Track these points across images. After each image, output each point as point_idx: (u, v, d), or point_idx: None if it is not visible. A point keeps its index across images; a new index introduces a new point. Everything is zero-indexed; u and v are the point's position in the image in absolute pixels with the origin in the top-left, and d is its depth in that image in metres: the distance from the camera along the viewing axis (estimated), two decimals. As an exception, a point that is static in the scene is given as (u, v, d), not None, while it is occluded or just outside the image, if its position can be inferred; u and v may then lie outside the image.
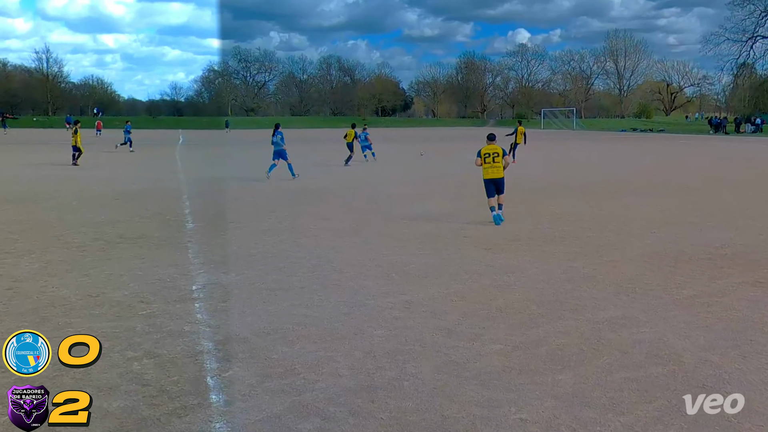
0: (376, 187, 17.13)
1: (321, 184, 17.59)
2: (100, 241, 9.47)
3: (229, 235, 9.98)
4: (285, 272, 7.62)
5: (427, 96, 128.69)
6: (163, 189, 16.35)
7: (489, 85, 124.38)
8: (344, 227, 10.74)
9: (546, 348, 5.22)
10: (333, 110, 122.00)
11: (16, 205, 13.11)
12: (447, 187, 16.84)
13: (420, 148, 35.73)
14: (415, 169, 23.39)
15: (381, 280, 7.31)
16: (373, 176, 20.26)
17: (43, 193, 15.23)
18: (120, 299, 6.50)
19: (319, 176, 20.20)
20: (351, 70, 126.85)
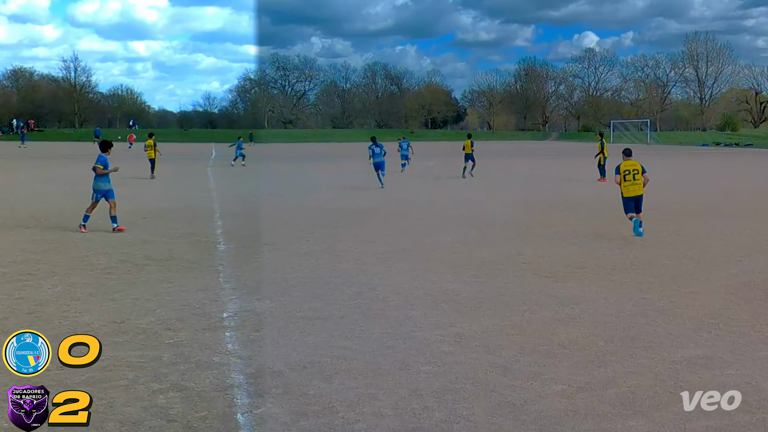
0: (425, 207, 17.13)
1: (364, 204, 17.70)
2: (126, 263, 9.73)
3: (263, 258, 10.12)
4: (323, 300, 7.67)
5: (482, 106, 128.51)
6: (194, 207, 16.72)
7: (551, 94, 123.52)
8: (389, 251, 10.75)
9: (615, 390, 5.10)
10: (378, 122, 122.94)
11: (39, 224, 13.60)
12: (504, 208, 16.72)
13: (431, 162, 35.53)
14: (468, 187, 23.32)
15: (429, 310, 7.29)
16: (421, 195, 20.29)
17: (67, 211, 15.75)
18: (146, 326, 6.65)
19: (362, 194, 20.34)
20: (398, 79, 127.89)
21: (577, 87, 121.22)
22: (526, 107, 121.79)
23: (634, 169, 12.15)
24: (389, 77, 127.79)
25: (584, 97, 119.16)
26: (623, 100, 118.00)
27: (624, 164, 12.27)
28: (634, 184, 12.11)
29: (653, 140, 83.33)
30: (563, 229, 13.20)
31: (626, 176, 12.16)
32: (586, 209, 15.61)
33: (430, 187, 23.07)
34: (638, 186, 12.12)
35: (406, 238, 12.13)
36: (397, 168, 29.87)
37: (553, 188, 22.28)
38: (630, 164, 12.23)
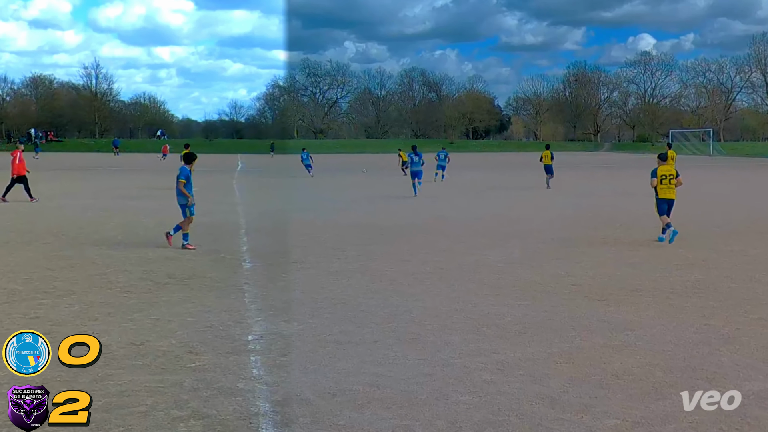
0: (465, 223, 17.08)
1: (400, 219, 17.72)
2: (146, 281, 9.88)
3: (291, 278, 10.18)
4: (355, 323, 7.68)
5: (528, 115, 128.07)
6: (218, 222, 16.92)
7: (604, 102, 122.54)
8: (426, 271, 10.74)
9: (674, 426, 5.00)
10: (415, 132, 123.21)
11: (57, 239, 13.90)
12: (551, 224, 16.58)
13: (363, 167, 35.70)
14: (513, 202, 23.20)
15: (470, 335, 7.24)
16: (461, 210, 20.24)
17: (86, 226, 16.08)
18: (166, 349, 6.73)
19: (398, 209, 20.38)
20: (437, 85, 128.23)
21: (631, 94, 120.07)
22: (576, 116, 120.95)
23: (670, 174, 13.83)
24: (427, 84, 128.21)
25: (640, 105, 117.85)
26: (683, 107, 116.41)
27: (661, 169, 13.94)
28: (669, 188, 13.80)
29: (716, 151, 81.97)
30: (617, 247, 13.03)
31: (663, 180, 13.81)
32: (642, 226, 15.40)
33: (471, 202, 23.02)
34: (672, 190, 13.82)
35: (445, 256, 12.09)
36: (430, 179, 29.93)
37: (607, 203, 22.04)
38: (666, 169, 13.94)
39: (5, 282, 9.70)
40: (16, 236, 14.19)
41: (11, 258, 11.64)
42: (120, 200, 22.70)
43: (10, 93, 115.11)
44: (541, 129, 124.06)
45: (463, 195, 25.99)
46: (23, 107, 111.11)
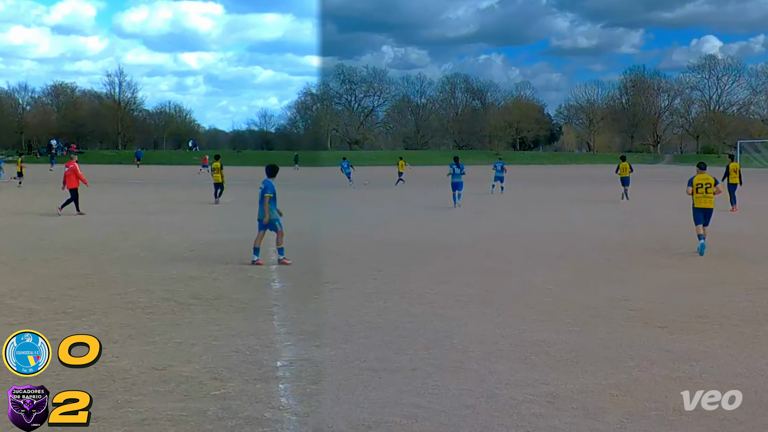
0: (513, 241, 16.97)
1: (441, 237, 17.68)
2: (169, 301, 9.98)
3: (323, 299, 10.20)
4: (392, 348, 7.65)
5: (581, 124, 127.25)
6: (246, 239, 17.02)
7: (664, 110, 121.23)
8: (469, 293, 10.68)
9: (746, 468, 4.86)
10: (457, 142, 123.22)
11: (76, 256, 14.14)
12: (607, 243, 16.39)
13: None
14: (563, 218, 23.00)
15: (517, 363, 7.17)
16: (508, 226, 20.12)
17: (108, 242, 16.34)
18: (190, 374, 6.77)
19: (439, 226, 20.33)
20: (481, 92, 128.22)
21: (695, 101, 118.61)
22: (634, 125, 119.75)
23: (707, 183, 14.45)
24: (471, 91, 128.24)
25: (704, 113, 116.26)
26: (752, 116, 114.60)
27: (698, 177, 14.62)
28: (706, 197, 14.42)
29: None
30: (680, 269, 12.82)
31: (698, 189, 14.51)
32: (708, 246, 15.12)
33: (518, 217, 22.87)
34: (709, 199, 14.44)
35: (490, 277, 12.02)
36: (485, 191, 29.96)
37: (669, 220, 21.71)
38: (703, 178, 14.55)
39: (23, 301, 9.89)
40: (34, 253, 14.47)
41: (29, 276, 11.87)
42: (142, 215, 23.05)
43: (31, 102, 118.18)
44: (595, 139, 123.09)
45: (510, 210, 25.83)
46: (44, 117, 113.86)
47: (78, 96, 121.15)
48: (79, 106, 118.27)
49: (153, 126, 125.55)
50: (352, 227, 19.88)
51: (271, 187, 13.45)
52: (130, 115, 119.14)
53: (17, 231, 18.21)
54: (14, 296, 10.18)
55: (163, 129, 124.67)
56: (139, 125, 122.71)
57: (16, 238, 16.74)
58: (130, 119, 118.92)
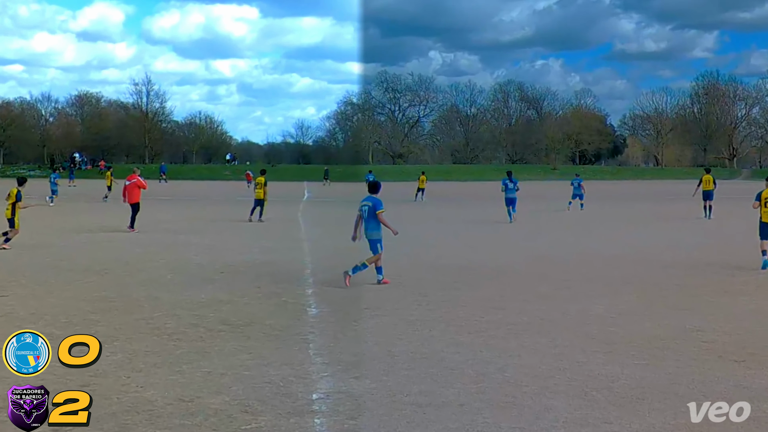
0: (572, 264, 16.82)
1: (493, 259, 17.59)
2: (198, 327, 10.08)
3: (363, 327, 10.21)
4: (438, 381, 7.62)
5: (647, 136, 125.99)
6: (280, 261, 17.18)
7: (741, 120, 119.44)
8: (523, 321, 10.61)
9: None
10: (510, 156, 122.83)
11: (100, 278, 14.38)
12: (677, 267, 16.15)
13: None
14: (628, 239, 22.72)
15: (576, 400, 7.08)
16: (567, 248, 19.94)
17: (134, 263, 16.58)
18: (219, 407, 6.82)
19: (490, 247, 20.23)
20: (537, 101, 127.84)
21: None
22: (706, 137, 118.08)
23: None
24: (526, 99, 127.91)
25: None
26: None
27: (766, 191, 15.66)
28: None
29: None
30: (760, 297, 12.57)
31: (766, 203, 15.53)
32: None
33: (579, 238, 22.67)
34: None
35: (546, 304, 11.92)
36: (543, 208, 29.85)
37: (745, 241, 21.30)
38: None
39: (42, 326, 10.06)
40: (55, 274, 14.75)
41: (50, 299, 12.09)
42: (169, 234, 23.35)
43: (54, 113, 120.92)
44: (664, 152, 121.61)
45: (569, 230, 25.60)
46: (67, 129, 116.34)
47: (103, 106, 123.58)
48: (105, 117, 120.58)
49: (182, 138, 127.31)
50: (395, 248, 19.87)
51: (380, 203, 14.14)
52: (157, 127, 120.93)
53: (38, 251, 18.58)
54: (34, 320, 10.38)
55: (193, 142, 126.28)
56: (167, 137, 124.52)
57: (37, 259, 17.08)
58: (157, 131, 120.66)
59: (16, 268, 15.50)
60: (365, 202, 14.29)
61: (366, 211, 14.15)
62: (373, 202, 14.16)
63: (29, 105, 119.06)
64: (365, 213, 14.15)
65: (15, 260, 16.74)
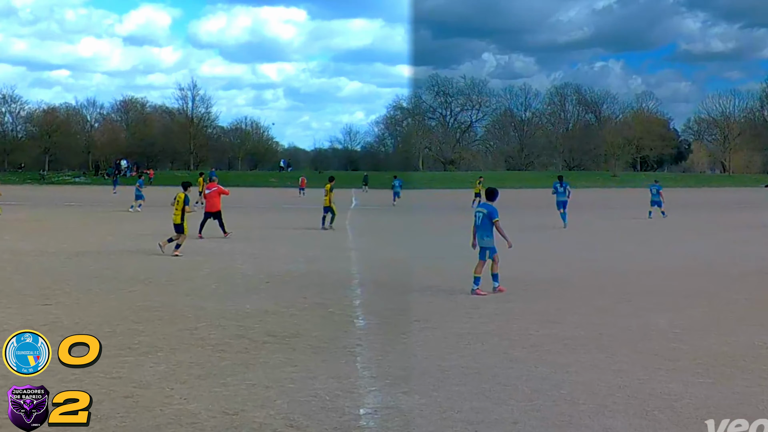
0: (632, 275, 16.62)
1: (549, 271, 17.46)
2: (242, 339, 10.17)
3: (412, 340, 10.20)
4: (491, 398, 7.58)
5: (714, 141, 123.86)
6: (327, 271, 17.25)
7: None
8: (581, 336, 10.52)
9: None
10: (567, 162, 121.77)
11: (144, 287, 14.61)
12: (746, 280, 15.86)
13: None
14: (692, 250, 22.37)
15: (636, 419, 7.00)
16: (626, 259, 19.70)
17: (177, 272, 16.81)
18: (263, 421, 6.87)
19: (546, 258, 20.09)
20: (596, 104, 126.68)
21: None
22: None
23: None
24: (583, 103, 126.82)
25: None
26: None
27: None
28: None
29: None
30: (833, 312, 12.27)
31: None
32: None
33: (639, 248, 22.38)
34: None
35: (605, 318, 11.80)
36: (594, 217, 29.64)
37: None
38: None
39: (85, 335, 10.26)
40: (99, 283, 15.01)
41: (93, 308, 12.32)
42: (214, 243, 23.61)
43: (99, 118, 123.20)
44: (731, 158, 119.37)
45: (628, 240, 25.29)
46: (112, 134, 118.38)
47: (148, 112, 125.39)
48: (150, 122, 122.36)
49: (227, 144, 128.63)
50: (447, 258, 19.84)
51: (496, 211, 14.31)
52: (203, 133, 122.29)
53: (82, 259, 18.94)
54: (78, 329, 10.53)
55: (238, 148, 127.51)
56: (212, 143, 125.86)
57: (82, 267, 17.41)
58: (203, 137, 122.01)
59: (61, 276, 15.83)
60: (480, 209, 14.65)
61: (480, 218, 14.39)
62: (489, 210, 14.38)
63: (74, 111, 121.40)
64: (479, 220, 14.40)
65: (60, 268, 17.10)
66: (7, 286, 14.42)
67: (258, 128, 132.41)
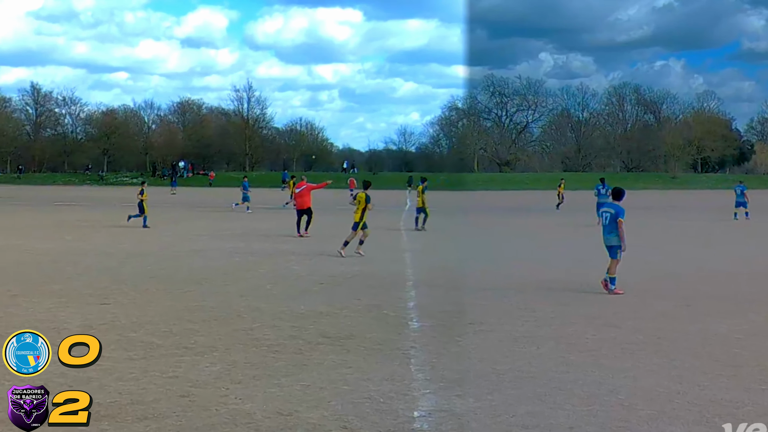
0: (692, 280, 16.37)
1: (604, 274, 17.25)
2: (297, 339, 10.26)
3: (467, 342, 10.18)
4: (546, 402, 7.53)
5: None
6: (381, 272, 17.29)
7: None
8: (639, 340, 10.40)
9: None
10: (626, 163, 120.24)
11: (199, 287, 14.81)
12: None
13: None
14: (756, 255, 21.92)
15: (696, 426, 6.89)
16: (686, 263, 19.39)
17: (233, 272, 17.01)
18: (317, 422, 6.92)
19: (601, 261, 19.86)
20: (655, 105, 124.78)
21: None
22: None
23: None
24: (642, 103, 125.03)
25: None
26: None
27: None
28: None
29: None
30: None
31: None
32: None
33: (699, 252, 22.01)
34: None
35: (664, 323, 11.64)
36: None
37: None
38: None
39: (143, 334, 10.44)
40: (156, 283, 15.26)
41: (150, 308, 12.53)
42: (270, 243, 23.84)
43: (156, 120, 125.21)
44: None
45: (689, 244, 24.91)
46: (169, 136, 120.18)
47: (204, 113, 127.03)
48: (206, 124, 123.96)
49: (282, 145, 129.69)
50: (502, 260, 19.75)
51: (622, 211, 14.61)
52: (258, 134, 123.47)
53: (140, 259, 19.27)
54: (135, 329, 10.77)
55: (293, 149, 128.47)
56: (267, 144, 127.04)
57: (139, 267, 17.71)
58: (258, 138, 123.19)
59: (119, 276, 16.12)
60: (606, 209, 15.03)
61: (607, 218, 14.76)
62: (615, 210, 14.67)
63: (132, 112, 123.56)
64: (606, 219, 14.79)
65: (118, 268, 17.42)
66: (68, 285, 14.75)
67: (313, 129, 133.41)
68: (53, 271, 16.88)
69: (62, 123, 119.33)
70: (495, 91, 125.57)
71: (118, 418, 6.95)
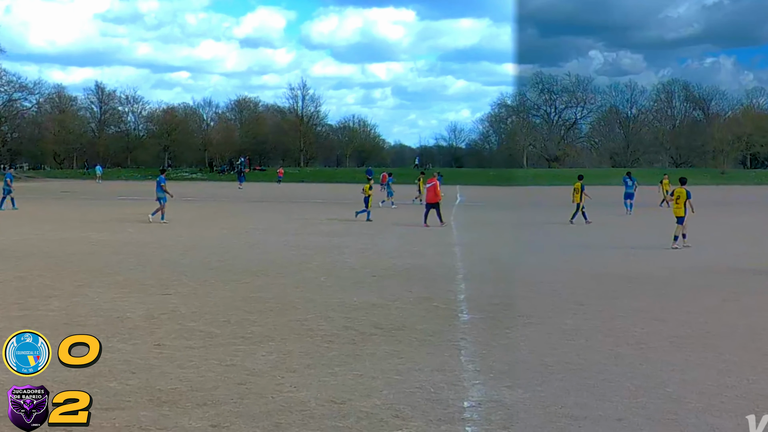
0: (741, 275, 16.06)
1: (656, 268, 17.04)
2: (350, 330, 10.30)
3: (516, 335, 10.13)
4: (594, 394, 7.47)
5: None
6: (432, 266, 17.28)
7: None
8: (687, 334, 10.26)
9: None
10: (674, 159, 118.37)
11: (255, 279, 14.95)
12: None
13: None
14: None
15: (744, 420, 6.75)
16: (736, 259, 19.01)
17: (288, 265, 17.13)
18: (369, 410, 6.95)
19: (654, 256, 19.61)
20: (704, 101, 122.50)
21: None
22: None
23: None
24: (691, 99, 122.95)
25: None
26: None
27: None
28: None
29: None
30: None
31: None
32: None
33: (749, 248, 21.55)
34: None
35: (713, 317, 11.48)
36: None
37: None
38: None
39: (203, 324, 10.59)
40: (215, 274, 15.45)
41: (209, 298, 12.69)
42: (325, 237, 23.96)
43: (215, 117, 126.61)
44: None
45: (737, 240, 24.42)
46: (226, 133, 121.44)
47: (260, 111, 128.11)
48: (262, 121, 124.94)
49: (335, 142, 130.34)
50: (552, 254, 19.60)
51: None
52: (312, 131, 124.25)
53: (199, 251, 19.52)
54: (195, 319, 10.92)
55: (346, 145, 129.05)
56: (321, 141, 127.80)
57: (200, 259, 17.94)
58: (312, 135, 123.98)
59: (179, 267, 16.35)
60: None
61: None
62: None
63: (192, 110, 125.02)
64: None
65: (179, 260, 17.66)
66: (131, 276, 14.99)
67: (365, 126, 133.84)
68: (116, 262, 17.17)
69: (125, 120, 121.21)
70: (544, 88, 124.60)
71: (179, 404, 7.06)
